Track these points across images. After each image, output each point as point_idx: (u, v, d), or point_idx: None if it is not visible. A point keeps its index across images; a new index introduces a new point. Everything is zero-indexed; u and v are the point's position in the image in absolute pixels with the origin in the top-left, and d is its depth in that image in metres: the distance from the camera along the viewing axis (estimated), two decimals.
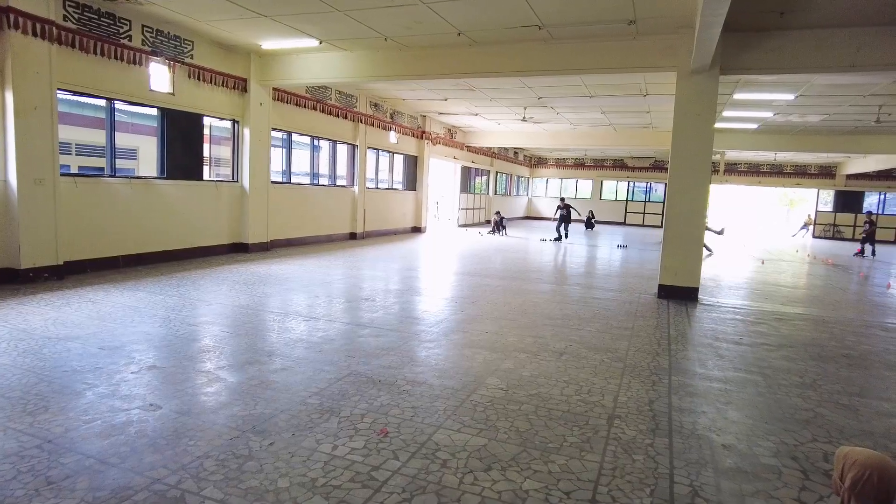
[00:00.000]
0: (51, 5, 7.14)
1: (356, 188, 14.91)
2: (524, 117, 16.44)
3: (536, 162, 32.37)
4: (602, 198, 31.22)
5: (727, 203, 48.00)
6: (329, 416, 3.51)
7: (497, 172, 26.96)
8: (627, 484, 2.83)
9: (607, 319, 6.64)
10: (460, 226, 22.60)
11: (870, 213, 18.49)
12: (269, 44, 9.68)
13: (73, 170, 12.88)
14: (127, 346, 4.74)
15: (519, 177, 31.10)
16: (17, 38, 6.77)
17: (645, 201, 30.45)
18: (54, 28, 7.17)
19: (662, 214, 8.80)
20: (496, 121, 18.32)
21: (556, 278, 9.74)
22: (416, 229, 18.59)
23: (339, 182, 14.58)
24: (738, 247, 18.87)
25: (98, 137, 8.73)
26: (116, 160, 8.70)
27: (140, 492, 2.58)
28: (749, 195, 48.74)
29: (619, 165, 30.28)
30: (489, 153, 24.85)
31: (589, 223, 24.63)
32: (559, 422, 3.57)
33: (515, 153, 28.66)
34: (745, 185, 28.94)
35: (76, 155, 13.99)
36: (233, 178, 10.99)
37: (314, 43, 9.28)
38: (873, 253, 17.04)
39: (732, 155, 25.13)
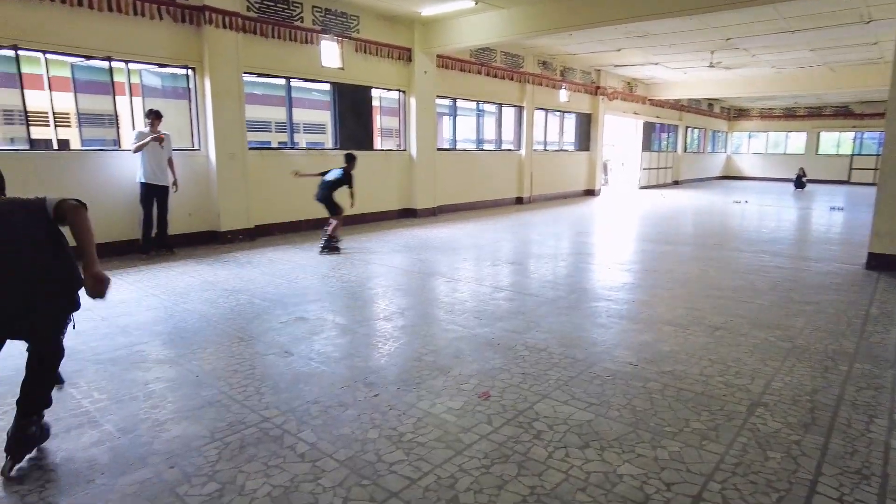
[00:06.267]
0: None
1: (522, 151, 14.66)
2: (711, 63, 14.52)
3: (736, 114, 28.59)
4: (818, 153, 26.50)
5: None
6: (438, 374, 3.52)
7: (687, 127, 24.42)
8: (749, 485, 2.36)
9: (788, 292, 5.65)
10: (641, 188, 21.06)
11: None
12: (428, 10, 9.82)
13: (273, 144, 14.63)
14: (284, 300, 5.28)
15: (715, 132, 27.79)
16: (211, 31, 7.78)
17: (877, 155, 25.18)
18: (239, 19, 8.08)
19: None
20: (681, 70, 16.47)
21: (739, 244, 8.55)
22: (589, 192, 17.76)
23: (504, 146, 14.46)
24: None
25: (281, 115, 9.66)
26: (306, 135, 9.63)
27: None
28: None
29: (841, 113, 25.27)
30: (677, 106, 22.53)
31: (799, 182, 21.20)
32: (687, 404, 3.12)
33: (710, 105, 25.58)
34: None
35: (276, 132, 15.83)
36: (401, 147, 11.52)
37: (470, 4, 9.18)
38: None
39: None
